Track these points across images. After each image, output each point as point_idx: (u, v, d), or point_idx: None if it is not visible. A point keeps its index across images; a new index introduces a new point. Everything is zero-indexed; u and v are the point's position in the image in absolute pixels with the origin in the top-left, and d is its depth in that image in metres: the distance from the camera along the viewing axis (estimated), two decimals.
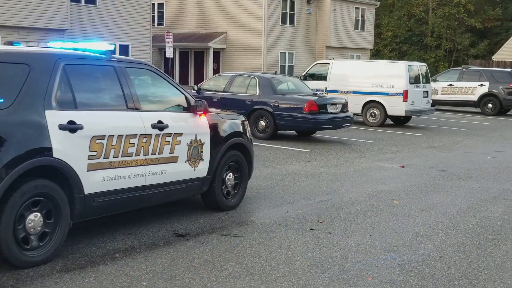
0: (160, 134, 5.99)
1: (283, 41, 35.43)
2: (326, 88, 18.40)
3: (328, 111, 13.58)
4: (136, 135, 5.72)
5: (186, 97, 6.53)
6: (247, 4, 34.42)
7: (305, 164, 10.75)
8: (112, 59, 5.84)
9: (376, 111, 17.74)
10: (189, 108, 6.50)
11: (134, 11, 27.46)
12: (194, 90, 14.94)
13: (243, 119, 7.60)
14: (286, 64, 36.05)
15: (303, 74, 19.23)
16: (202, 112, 6.49)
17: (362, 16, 40.00)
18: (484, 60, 39.63)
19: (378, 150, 12.91)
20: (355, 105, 17.93)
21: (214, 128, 6.75)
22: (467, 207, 7.64)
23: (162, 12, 38.10)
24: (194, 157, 6.43)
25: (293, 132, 14.82)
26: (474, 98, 23.62)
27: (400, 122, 18.75)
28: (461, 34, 65.27)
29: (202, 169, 6.56)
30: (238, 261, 5.24)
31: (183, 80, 36.53)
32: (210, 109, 7.20)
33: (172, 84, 6.53)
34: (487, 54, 61.39)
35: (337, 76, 18.34)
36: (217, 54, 36.01)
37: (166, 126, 6.05)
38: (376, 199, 7.97)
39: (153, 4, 37.92)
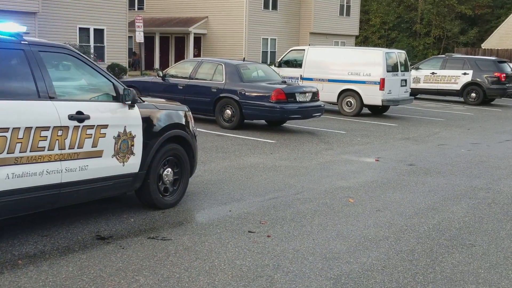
0: (79, 126, 5.36)
1: (265, 27, 34.72)
2: (301, 75, 17.79)
3: (297, 100, 12.98)
4: (49, 127, 5.10)
5: (114, 85, 5.90)
6: None
7: (266, 157, 10.17)
8: (22, 42, 5.20)
9: (352, 100, 17.16)
10: (118, 98, 5.88)
11: None
12: (158, 76, 14.29)
13: (186, 109, 7.00)
14: (269, 50, 35.37)
15: (278, 61, 18.58)
16: (130, 102, 5.86)
17: (347, 2, 39.30)
18: (473, 48, 39.05)
19: (347, 142, 12.35)
20: (330, 94, 17.39)
21: (148, 119, 6.13)
22: (427, 207, 7.09)
23: None
24: (123, 151, 5.82)
25: (263, 121, 14.23)
26: (457, 87, 23.08)
27: (377, 111, 18.20)
28: (451, 21, 64.68)
29: (133, 164, 5.96)
30: (155, 271, 4.66)
31: (164, 66, 35.76)
32: (146, 99, 6.61)
33: (98, 71, 5.89)
34: (477, 41, 60.87)
35: (313, 63, 17.72)
36: (198, 39, 35.26)
37: (87, 117, 5.43)
38: (331, 197, 7.41)
39: None
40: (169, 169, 6.50)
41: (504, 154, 11.42)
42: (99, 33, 26.69)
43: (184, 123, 6.73)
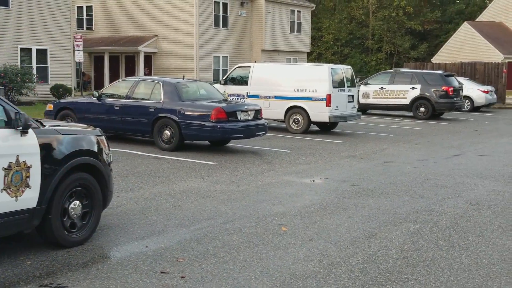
0: None
1: (216, 45, 34.26)
2: (247, 93, 17.27)
3: (239, 118, 12.42)
4: None
5: (4, 109, 5.20)
6: (178, 6, 33.09)
7: (202, 180, 9.53)
8: None
9: (299, 117, 16.71)
10: (10, 123, 5.18)
11: (51, 14, 25.73)
12: (94, 97, 13.54)
13: (99, 134, 6.32)
14: (220, 68, 34.88)
15: (224, 78, 18.03)
16: (21, 128, 5.16)
17: (298, 19, 39.24)
18: (422, 62, 39.26)
19: (291, 161, 11.82)
20: (277, 111, 16.92)
21: (47, 147, 5.44)
22: (365, 234, 6.57)
23: (91, 15, 36.36)
24: (15, 184, 5.11)
25: (206, 142, 13.61)
26: (406, 101, 22.96)
27: (326, 128, 17.80)
28: (401, 37, 65.64)
29: (29, 198, 5.25)
30: None
31: None
32: (50, 122, 5.92)
33: None
34: (428, 56, 61.84)
35: (259, 80, 17.22)
36: (148, 58, 34.54)
37: None
38: (263, 225, 6.82)
39: (81, 7, 36.27)
40: (77, 202, 5.81)
41: (450, 170, 11.07)
42: (42, 53, 25.73)
43: (95, 150, 6.05)
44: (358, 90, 23.60)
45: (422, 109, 22.76)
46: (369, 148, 14.27)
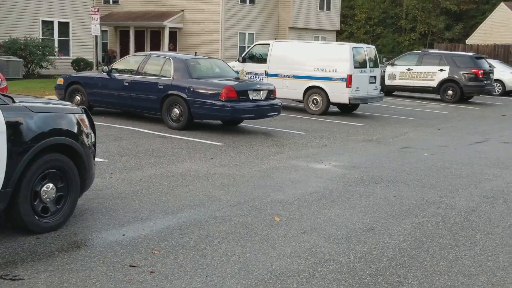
0: None
1: (242, 21, 33.62)
2: (265, 71, 16.73)
3: (250, 98, 11.93)
4: None
5: None
6: None
7: (204, 162, 9.11)
8: None
9: (318, 98, 16.11)
10: None
11: None
12: (103, 72, 13.18)
13: (80, 111, 5.93)
14: (246, 45, 34.21)
15: (242, 56, 17.49)
16: None
17: None
18: (453, 43, 37.91)
19: (303, 144, 11.32)
20: (296, 91, 16.37)
21: (14, 125, 5.05)
22: (363, 228, 6.07)
23: None
24: None
25: (218, 121, 13.16)
26: (434, 84, 22.08)
27: (347, 109, 17.18)
28: (436, 17, 63.87)
29: None
30: None
31: None
32: (23, 98, 5.54)
33: None
34: (462, 37, 60.05)
35: (278, 58, 16.65)
36: (173, 33, 34.12)
37: None
38: (256, 214, 6.37)
39: None
40: (50, 185, 5.43)
41: (470, 159, 10.43)
42: (64, 26, 25.51)
43: (73, 129, 5.65)
44: (384, 71, 22.89)
45: (450, 92, 21.88)
46: (388, 132, 13.65)
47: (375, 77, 16.55)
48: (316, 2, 37.43)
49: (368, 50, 16.41)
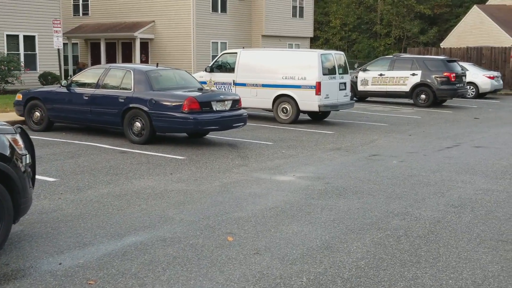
0: None
1: (214, 30, 33.28)
2: (234, 81, 16.39)
3: (214, 109, 11.58)
4: None
5: None
6: None
7: (162, 178, 8.72)
8: None
9: (288, 106, 15.80)
10: None
11: (38, 0, 24.84)
12: (62, 86, 12.74)
13: (12, 131, 5.50)
14: (219, 54, 33.87)
15: (210, 66, 17.13)
16: None
17: (300, 3, 38.10)
18: (429, 47, 37.72)
19: (269, 155, 10.97)
20: (265, 100, 16.05)
21: None
22: (321, 245, 5.72)
23: (87, 0, 35.43)
24: None
25: (184, 134, 12.76)
26: (406, 88, 21.94)
27: (317, 117, 16.91)
28: (410, 21, 64.21)
29: None
30: None
31: None
32: None
33: None
34: (437, 41, 60.31)
35: (246, 67, 16.32)
36: (145, 44, 33.65)
37: None
38: (208, 234, 5.99)
39: None
40: None
41: (439, 165, 10.17)
42: (30, 40, 24.96)
43: (5, 152, 5.24)
44: (357, 77, 22.72)
45: (423, 96, 21.74)
46: (358, 139, 13.37)
47: (345, 83, 16.30)
48: (288, 10, 37.25)
49: (337, 57, 16.16)
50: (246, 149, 11.59)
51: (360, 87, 22.71)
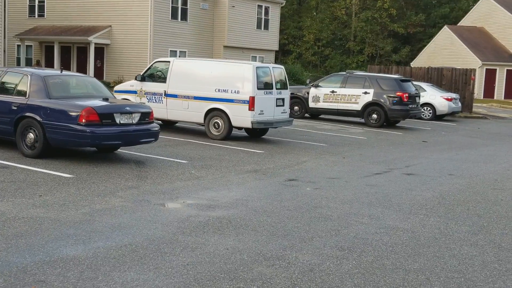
0: None
1: (174, 38, 32.22)
2: (165, 91, 15.23)
3: (117, 122, 10.39)
4: None
5: None
6: None
7: (27, 201, 7.52)
8: None
9: (220, 121, 14.67)
10: None
11: None
12: None
13: None
14: None
15: (141, 74, 15.94)
16: None
17: (266, 15, 37.24)
18: (386, 66, 36.78)
19: (173, 176, 9.82)
20: (197, 114, 14.92)
21: None
22: None
23: (43, 1, 34.12)
24: None
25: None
26: (358, 107, 20.97)
27: (255, 134, 15.81)
28: (384, 39, 63.84)
29: None
30: None
31: None
32: None
33: None
34: (410, 60, 59.95)
35: (179, 77, 15.16)
36: (101, 50, 32.45)
37: None
38: (14, 282, 4.81)
39: None
40: None
41: (355, 195, 9.11)
42: None
43: None
44: (308, 93, 21.76)
45: (375, 116, 20.79)
46: (285, 160, 12.29)
47: (283, 99, 15.22)
48: (253, 21, 36.33)
49: (275, 70, 15.09)
50: (151, 168, 10.42)
51: (311, 104, 21.72)
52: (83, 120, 9.97)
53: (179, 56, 32.44)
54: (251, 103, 14.23)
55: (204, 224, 6.97)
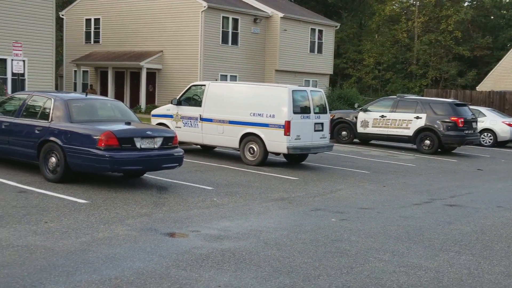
0: None
1: (224, 63, 32.11)
2: (200, 115, 14.89)
3: (138, 146, 10.04)
4: None
5: None
6: (183, 21, 31.23)
7: (29, 228, 7.22)
8: None
9: (255, 147, 14.15)
10: None
11: (31, 25, 24.02)
12: None
13: None
14: None
15: (178, 98, 15.66)
16: None
17: (320, 38, 36.67)
18: (444, 89, 35.35)
19: (193, 203, 9.33)
20: (232, 138, 14.47)
21: None
22: None
23: (99, 28, 34.89)
24: None
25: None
26: (409, 132, 19.98)
27: (295, 159, 15.19)
28: (448, 63, 61.81)
29: None
30: None
31: None
32: None
33: None
34: (476, 84, 57.70)
35: (214, 101, 14.80)
36: (152, 74, 32.71)
37: None
38: None
39: (89, 20, 35.10)
40: None
41: (383, 228, 8.33)
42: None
43: None
44: (356, 117, 20.99)
45: (427, 142, 19.72)
46: (318, 188, 11.60)
47: (322, 124, 14.54)
48: (306, 45, 35.83)
49: (313, 94, 14.47)
50: (172, 194, 9.98)
51: (360, 129, 20.90)
52: (102, 144, 9.68)
53: (230, 80, 32.32)
54: (286, 127, 13.65)
55: (205, 257, 6.42)
